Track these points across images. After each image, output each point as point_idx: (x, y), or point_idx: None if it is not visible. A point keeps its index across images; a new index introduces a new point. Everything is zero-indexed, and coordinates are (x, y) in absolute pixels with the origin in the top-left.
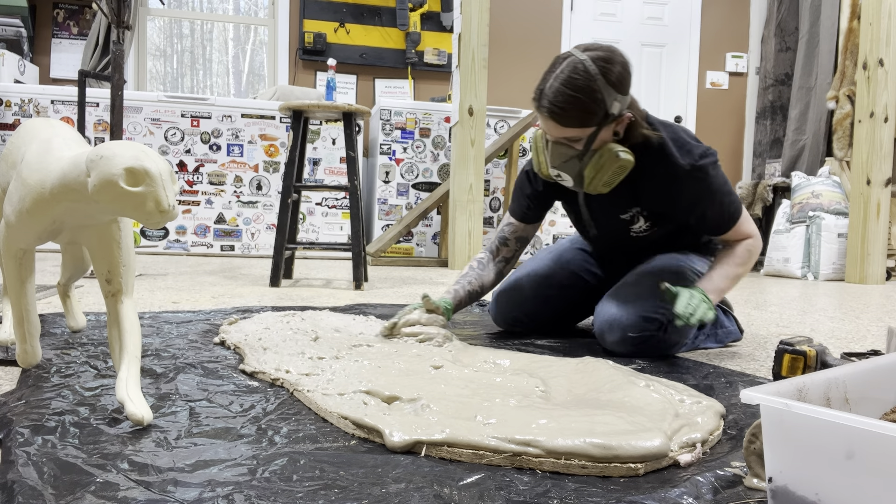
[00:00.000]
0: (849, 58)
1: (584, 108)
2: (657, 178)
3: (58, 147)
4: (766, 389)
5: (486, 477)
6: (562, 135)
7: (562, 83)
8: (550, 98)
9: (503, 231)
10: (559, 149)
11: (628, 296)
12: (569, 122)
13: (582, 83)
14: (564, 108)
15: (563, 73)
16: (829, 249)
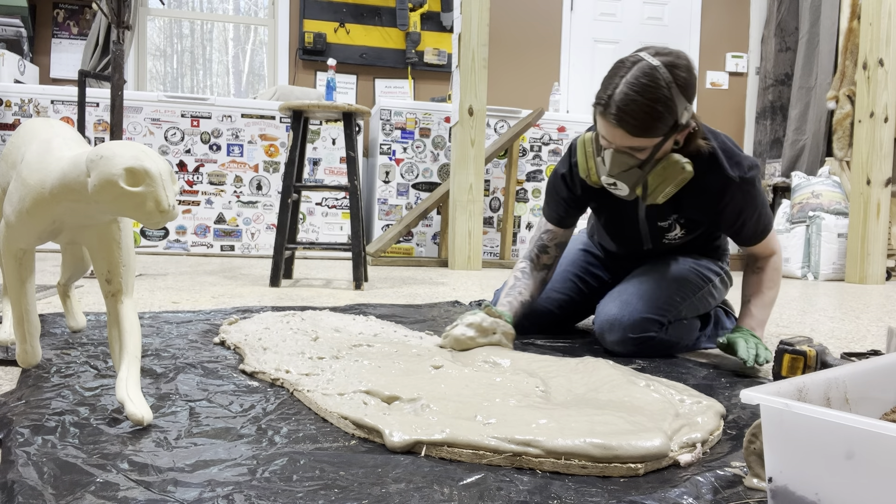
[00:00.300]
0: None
1: (658, 118)
2: (706, 187)
3: (58, 147)
4: (766, 389)
5: (486, 477)
6: (628, 144)
7: (634, 90)
8: (621, 105)
9: (541, 239)
10: (621, 157)
11: (630, 296)
12: (640, 131)
13: (656, 91)
14: (637, 117)
15: (634, 79)
16: (829, 249)
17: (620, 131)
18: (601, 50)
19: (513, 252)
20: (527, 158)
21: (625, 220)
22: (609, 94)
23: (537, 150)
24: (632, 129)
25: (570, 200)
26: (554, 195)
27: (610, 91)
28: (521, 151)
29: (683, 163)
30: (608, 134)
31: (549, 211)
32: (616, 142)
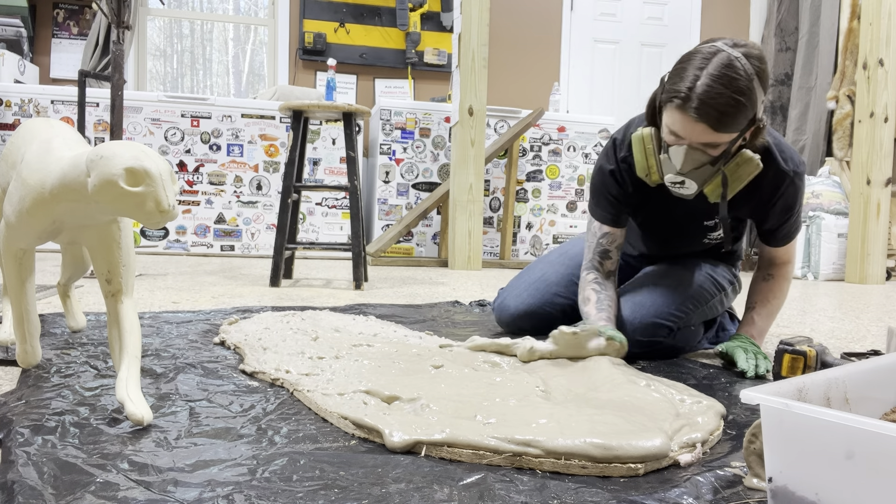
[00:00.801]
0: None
1: (742, 112)
2: (760, 183)
3: (58, 147)
4: (766, 389)
5: (486, 477)
6: (707, 140)
7: (719, 83)
8: (705, 99)
9: (601, 244)
10: (694, 154)
11: (644, 298)
12: (723, 126)
13: (744, 85)
14: (722, 111)
15: (717, 71)
16: (829, 249)
17: (702, 126)
18: (601, 50)
19: (513, 252)
20: (527, 158)
21: (666, 220)
22: (689, 87)
23: (537, 150)
24: (715, 124)
25: (622, 198)
26: (604, 194)
27: (689, 83)
28: (521, 151)
29: (755, 158)
30: (685, 130)
31: (600, 212)
32: (694, 138)
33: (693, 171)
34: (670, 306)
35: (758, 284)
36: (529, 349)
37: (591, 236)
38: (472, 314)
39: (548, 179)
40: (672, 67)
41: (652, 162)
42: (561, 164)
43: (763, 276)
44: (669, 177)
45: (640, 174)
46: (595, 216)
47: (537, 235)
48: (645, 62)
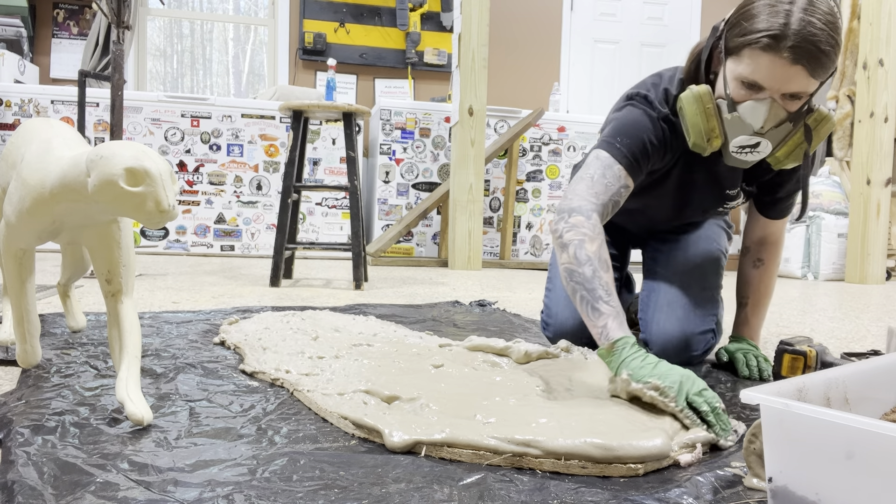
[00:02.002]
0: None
1: (837, 54)
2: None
3: (58, 147)
4: (766, 389)
5: (486, 477)
6: (796, 88)
7: (817, 18)
8: (806, 36)
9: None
10: (777, 109)
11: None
12: (821, 70)
13: (837, 21)
14: (824, 52)
15: (814, 7)
16: (829, 249)
17: (797, 69)
18: (601, 50)
19: (513, 252)
20: (527, 158)
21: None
22: (783, 23)
23: (537, 150)
24: (814, 67)
25: (656, 153)
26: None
27: (782, 19)
28: (521, 151)
29: (832, 116)
30: (774, 75)
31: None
32: (783, 86)
33: (772, 131)
34: (707, 307)
35: (748, 273)
36: (524, 353)
37: (612, 177)
38: (472, 314)
39: (548, 179)
40: (734, 11)
41: (713, 124)
42: (561, 164)
43: (753, 261)
44: (741, 139)
45: (697, 140)
46: (616, 155)
47: (537, 235)
48: (645, 62)
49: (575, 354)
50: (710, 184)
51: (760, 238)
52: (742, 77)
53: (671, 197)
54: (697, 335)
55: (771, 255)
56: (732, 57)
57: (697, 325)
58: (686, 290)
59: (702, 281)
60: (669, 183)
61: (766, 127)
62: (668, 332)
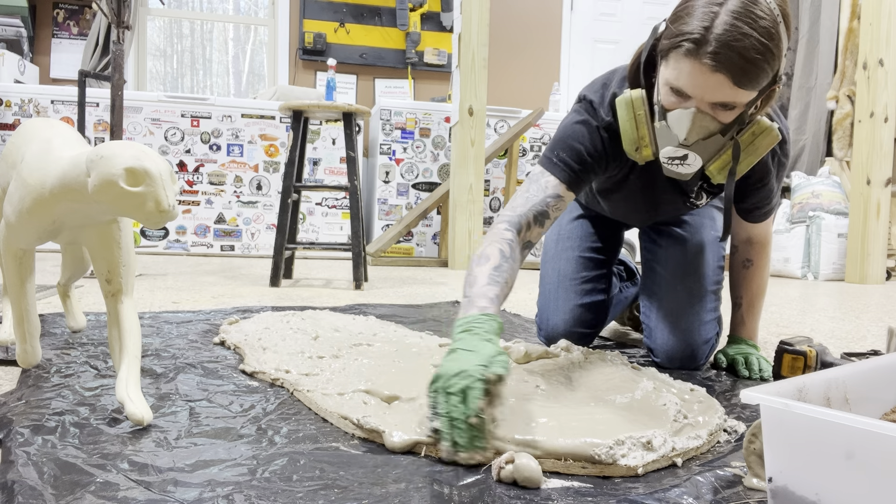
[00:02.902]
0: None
1: (770, 64)
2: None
3: (58, 147)
4: (766, 389)
5: (486, 477)
6: (722, 98)
7: (744, 21)
8: (727, 41)
9: (545, 203)
10: (703, 120)
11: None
12: (746, 80)
13: (770, 27)
14: (749, 60)
15: (739, 8)
16: (829, 249)
17: (720, 78)
18: (601, 50)
19: None
20: (527, 158)
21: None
22: (705, 27)
23: (537, 150)
24: (738, 76)
25: (597, 161)
26: (572, 147)
27: (704, 22)
28: (521, 151)
29: (775, 129)
30: (696, 83)
31: (562, 166)
32: (707, 94)
33: (699, 143)
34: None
35: (739, 274)
36: (524, 353)
37: (537, 189)
38: None
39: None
40: (674, 9)
41: (644, 132)
42: None
43: (742, 261)
44: (668, 150)
45: (628, 148)
46: (551, 169)
47: None
48: None
49: (575, 354)
50: (672, 186)
51: (747, 238)
52: (669, 83)
53: (638, 200)
54: (702, 345)
55: (759, 255)
56: (663, 60)
57: (703, 335)
58: (687, 294)
59: (702, 279)
60: (631, 186)
61: (690, 139)
62: (671, 346)
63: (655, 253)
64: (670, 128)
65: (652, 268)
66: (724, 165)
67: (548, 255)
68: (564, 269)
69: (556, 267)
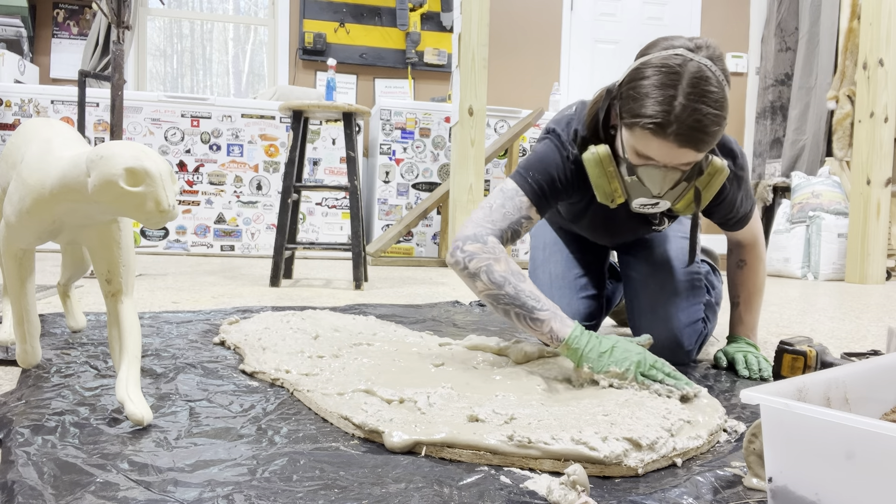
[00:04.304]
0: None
1: (722, 125)
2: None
3: (58, 147)
4: (766, 389)
5: (486, 477)
6: (687, 160)
7: (702, 102)
8: (690, 122)
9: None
10: (672, 175)
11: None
12: (706, 147)
13: (720, 97)
14: (709, 133)
15: (697, 89)
16: (829, 249)
17: (685, 150)
18: (601, 50)
19: (512, 252)
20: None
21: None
22: (665, 111)
23: None
24: (700, 147)
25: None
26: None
27: (664, 106)
28: (521, 151)
29: (724, 165)
30: (662, 154)
31: (533, 187)
32: (674, 161)
33: (671, 191)
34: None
35: (734, 274)
36: (524, 353)
37: (513, 207)
38: (472, 314)
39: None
40: (626, 78)
41: (616, 185)
42: None
43: (736, 262)
44: (641, 200)
45: (603, 199)
46: (525, 189)
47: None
48: None
49: None
50: (629, 215)
51: (736, 241)
52: (636, 150)
53: (600, 227)
54: (685, 329)
55: (752, 255)
56: (626, 129)
57: (683, 320)
58: (664, 286)
59: (672, 271)
60: (592, 214)
61: (662, 190)
62: (656, 336)
63: (628, 262)
64: (643, 182)
65: (627, 274)
66: (688, 203)
67: (536, 262)
68: (555, 270)
69: (547, 270)
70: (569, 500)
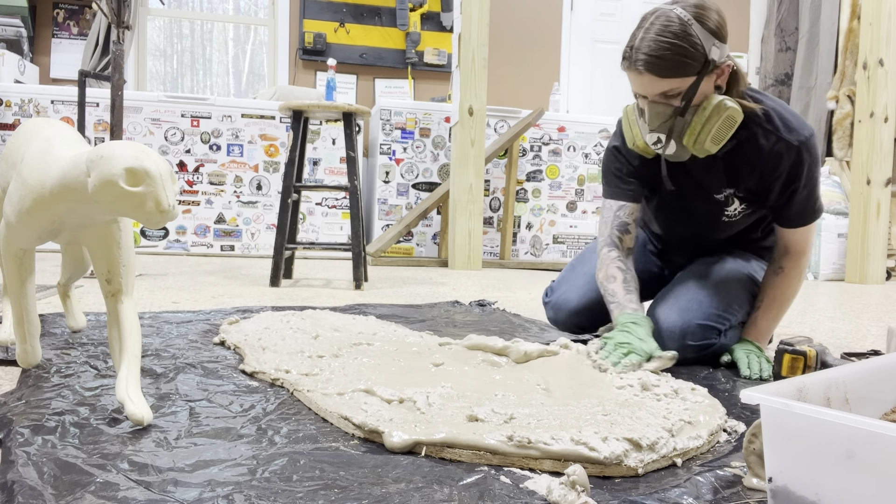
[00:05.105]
0: (849, 58)
1: (683, 53)
2: (760, 151)
3: (58, 147)
4: (766, 389)
5: (486, 477)
6: (661, 89)
7: (656, 33)
8: (644, 49)
9: (618, 217)
10: (657, 108)
11: (689, 301)
12: (667, 71)
13: (678, 29)
14: (662, 56)
15: (655, 25)
16: (829, 249)
17: (648, 77)
18: (601, 50)
19: (513, 252)
20: (527, 158)
21: (678, 199)
22: (632, 45)
23: (537, 150)
24: (660, 70)
25: (632, 173)
26: (611, 171)
27: (632, 42)
28: (521, 151)
29: (725, 100)
30: (639, 85)
31: (610, 190)
32: (647, 90)
33: (663, 125)
34: (717, 308)
35: (769, 278)
36: (524, 353)
37: (608, 213)
38: (472, 314)
39: (548, 179)
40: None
41: (636, 130)
42: (561, 164)
43: (775, 269)
44: (648, 138)
45: (630, 145)
46: (606, 196)
47: (537, 235)
48: None
49: (573, 351)
50: (697, 190)
51: (784, 248)
52: (632, 90)
53: (676, 207)
54: (695, 325)
55: (792, 264)
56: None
57: (698, 317)
58: (698, 291)
59: (718, 286)
60: (666, 194)
61: (652, 125)
62: (666, 319)
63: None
64: (645, 121)
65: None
66: (694, 137)
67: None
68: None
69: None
70: (569, 500)
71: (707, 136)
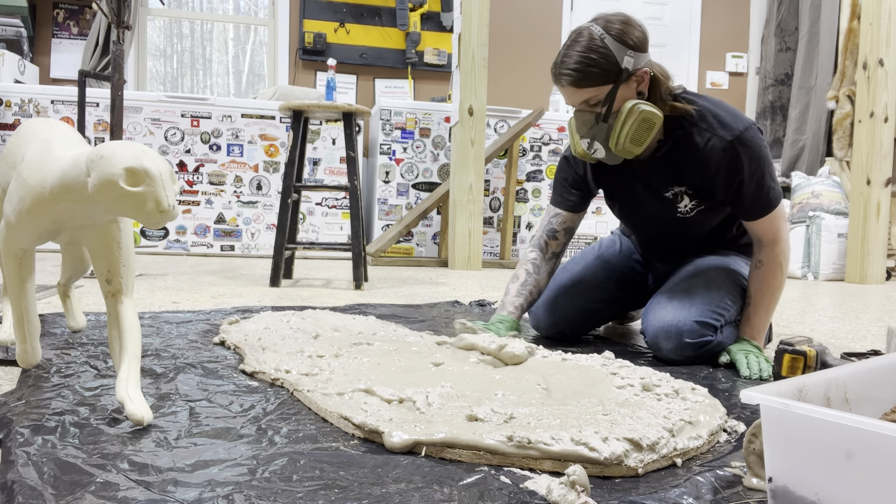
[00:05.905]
0: (849, 58)
1: (594, 64)
2: (695, 150)
3: (58, 147)
4: (766, 389)
5: (486, 477)
6: (582, 98)
7: (571, 48)
8: (564, 64)
9: (551, 223)
10: (582, 116)
11: (682, 300)
12: (583, 81)
13: (591, 44)
14: (576, 69)
15: (573, 42)
16: (829, 249)
17: (570, 88)
18: None
19: (513, 252)
20: (527, 158)
21: (633, 201)
22: (556, 62)
23: (537, 150)
24: (576, 82)
25: (575, 183)
26: (558, 179)
27: (557, 59)
28: (521, 151)
29: (639, 103)
30: (565, 96)
31: (555, 196)
32: (572, 100)
33: (589, 131)
34: (710, 304)
35: (752, 275)
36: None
37: (546, 217)
38: (471, 314)
39: (548, 179)
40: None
41: (576, 138)
42: None
43: (755, 263)
44: (582, 142)
45: (573, 152)
46: (550, 201)
47: None
48: None
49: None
50: (646, 190)
51: (757, 241)
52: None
53: (633, 208)
54: (691, 322)
55: (769, 257)
56: None
57: (693, 315)
58: (689, 290)
59: (708, 283)
60: (620, 196)
61: (580, 132)
62: (661, 319)
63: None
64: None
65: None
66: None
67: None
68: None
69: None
70: (569, 500)
71: (626, 138)
